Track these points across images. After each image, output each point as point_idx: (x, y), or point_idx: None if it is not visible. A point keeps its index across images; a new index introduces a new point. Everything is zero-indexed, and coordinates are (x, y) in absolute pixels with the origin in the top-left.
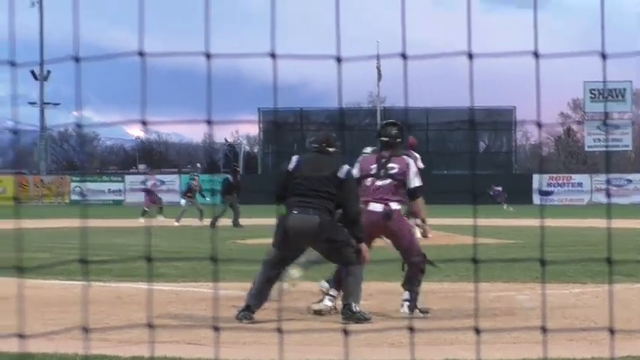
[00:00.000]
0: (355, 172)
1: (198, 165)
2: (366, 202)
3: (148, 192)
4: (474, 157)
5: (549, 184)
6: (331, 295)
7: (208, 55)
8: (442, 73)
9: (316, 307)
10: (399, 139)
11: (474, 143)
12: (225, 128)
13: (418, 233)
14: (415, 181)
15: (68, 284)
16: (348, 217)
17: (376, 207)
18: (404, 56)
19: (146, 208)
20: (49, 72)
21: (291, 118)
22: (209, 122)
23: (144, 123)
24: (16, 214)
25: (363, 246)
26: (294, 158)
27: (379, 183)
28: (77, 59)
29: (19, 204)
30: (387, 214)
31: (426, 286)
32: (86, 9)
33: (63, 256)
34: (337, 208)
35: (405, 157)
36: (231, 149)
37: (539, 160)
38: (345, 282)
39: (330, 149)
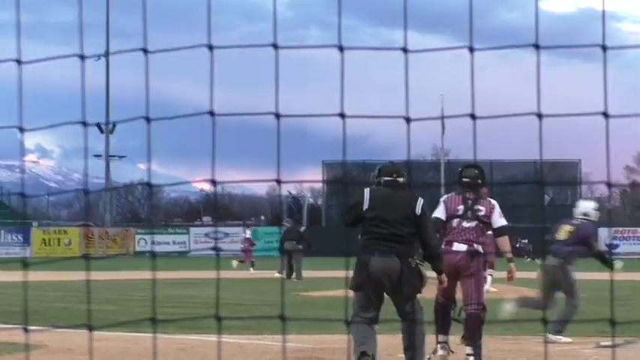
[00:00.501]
0: (440, 211)
1: (262, 217)
2: (450, 243)
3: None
4: (540, 209)
5: (614, 238)
6: (443, 342)
7: (278, 115)
8: (506, 125)
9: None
10: (479, 181)
11: (540, 197)
12: (289, 178)
13: (488, 284)
14: (501, 221)
15: (133, 336)
16: (429, 252)
17: (461, 247)
18: (473, 116)
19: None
20: (114, 125)
21: (354, 170)
22: (278, 182)
23: (214, 182)
24: (85, 268)
25: (443, 276)
26: (366, 194)
27: (466, 224)
28: (148, 119)
29: (86, 258)
30: (472, 253)
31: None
32: (153, 63)
33: (129, 308)
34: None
35: (490, 199)
36: (295, 201)
37: (607, 213)
38: (409, 339)
39: (401, 180)
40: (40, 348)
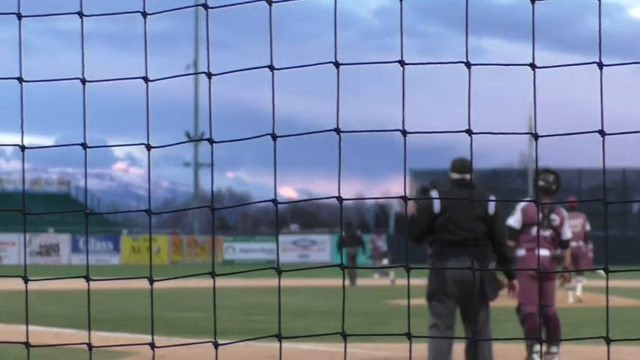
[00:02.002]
0: (517, 218)
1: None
2: (531, 249)
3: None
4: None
5: None
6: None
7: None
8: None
9: None
10: (554, 186)
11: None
12: (376, 188)
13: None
14: (568, 233)
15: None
16: (502, 254)
17: (544, 252)
18: (602, 133)
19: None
20: (202, 133)
21: (441, 179)
22: (404, 198)
23: (340, 200)
24: (172, 274)
25: (515, 282)
26: (434, 195)
27: (543, 233)
28: (274, 136)
29: (173, 263)
30: (556, 257)
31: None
32: (243, 77)
33: (218, 316)
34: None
35: (562, 209)
36: (382, 210)
37: None
38: (479, 355)
39: (466, 176)
40: (134, 355)
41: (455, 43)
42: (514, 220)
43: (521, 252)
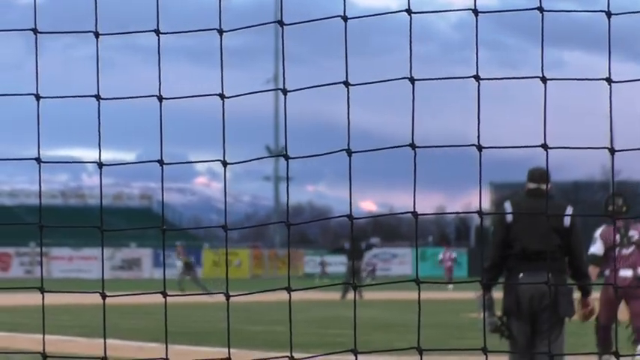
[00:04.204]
0: (599, 246)
1: (430, 238)
2: (615, 270)
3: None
4: None
5: None
6: None
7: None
8: None
9: None
10: (624, 208)
11: None
12: (457, 202)
13: None
14: None
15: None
16: (577, 270)
17: (627, 273)
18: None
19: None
20: (282, 147)
21: (520, 191)
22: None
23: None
24: (253, 288)
25: (590, 299)
26: (507, 206)
27: (625, 251)
28: (350, 152)
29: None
30: (638, 278)
31: None
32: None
33: (296, 330)
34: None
35: (638, 224)
36: (462, 223)
37: None
38: None
39: (542, 186)
40: None
41: (534, 56)
42: (596, 249)
43: (607, 272)
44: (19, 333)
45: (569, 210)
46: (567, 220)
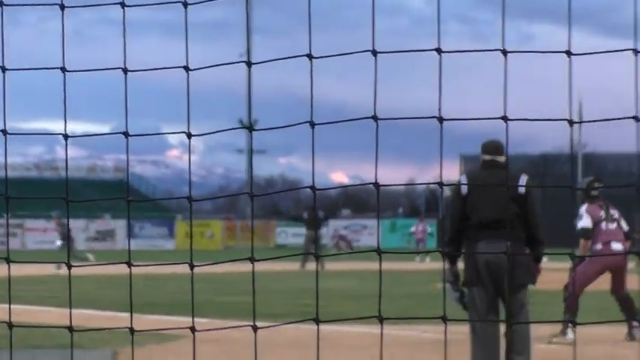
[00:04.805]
0: (587, 220)
1: (400, 210)
2: (606, 243)
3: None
4: None
5: None
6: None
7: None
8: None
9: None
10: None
11: None
12: (426, 173)
13: None
14: (625, 225)
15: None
16: (532, 237)
17: (618, 246)
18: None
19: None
20: (256, 120)
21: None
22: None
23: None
24: (227, 258)
25: (540, 266)
26: (463, 179)
27: (611, 226)
28: (312, 124)
29: (228, 248)
30: (627, 251)
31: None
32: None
33: (269, 300)
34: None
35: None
36: (432, 194)
37: None
38: (513, 342)
39: (502, 159)
40: (185, 337)
41: (508, 29)
42: (585, 223)
43: (597, 246)
44: None
45: (523, 178)
46: (522, 188)
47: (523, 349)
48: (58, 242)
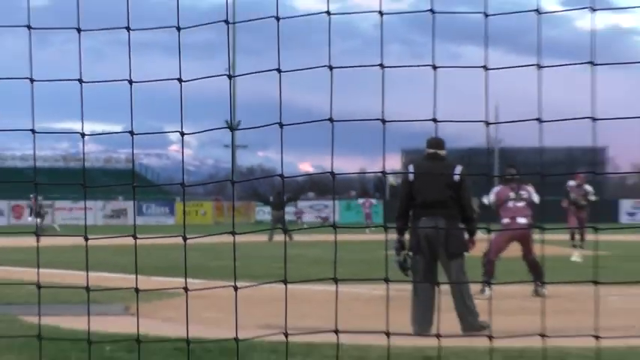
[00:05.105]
0: (491, 197)
1: (353, 192)
2: (512, 218)
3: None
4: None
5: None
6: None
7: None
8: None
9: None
10: (517, 175)
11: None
12: (375, 164)
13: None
14: (536, 198)
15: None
16: (465, 215)
17: (523, 220)
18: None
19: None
20: (239, 121)
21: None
22: (383, 173)
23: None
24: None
25: (475, 240)
26: (411, 168)
27: (519, 204)
28: (281, 125)
29: (218, 224)
30: (531, 225)
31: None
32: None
33: (250, 265)
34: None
35: (526, 185)
36: (380, 180)
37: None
38: (459, 295)
39: (442, 153)
40: (182, 295)
41: (439, 50)
42: (488, 199)
43: (505, 220)
44: (23, 267)
45: (458, 168)
46: (457, 176)
47: (468, 298)
48: (30, 218)
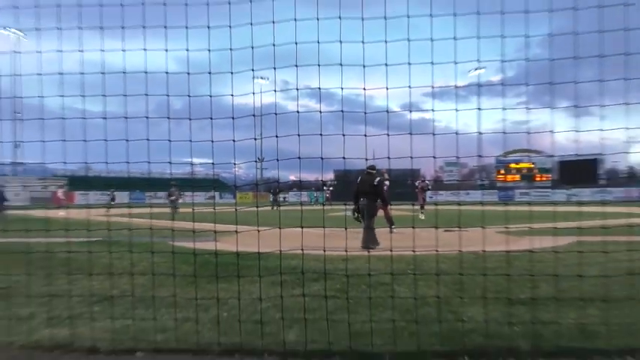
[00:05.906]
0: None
1: (313, 188)
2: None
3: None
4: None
5: None
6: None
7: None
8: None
9: None
10: (374, 171)
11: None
12: (323, 176)
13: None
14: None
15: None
16: (380, 198)
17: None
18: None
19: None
20: (264, 157)
21: (352, 174)
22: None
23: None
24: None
25: (389, 207)
26: (359, 179)
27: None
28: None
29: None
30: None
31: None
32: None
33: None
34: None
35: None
36: (323, 184)
37: None
38: (368, 236)
39: (372, 171)
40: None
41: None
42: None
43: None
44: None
45: (377, 179)
46: (376, 182)
47: (374, 234)
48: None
